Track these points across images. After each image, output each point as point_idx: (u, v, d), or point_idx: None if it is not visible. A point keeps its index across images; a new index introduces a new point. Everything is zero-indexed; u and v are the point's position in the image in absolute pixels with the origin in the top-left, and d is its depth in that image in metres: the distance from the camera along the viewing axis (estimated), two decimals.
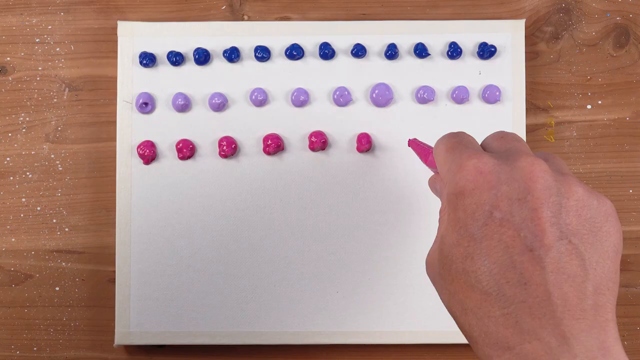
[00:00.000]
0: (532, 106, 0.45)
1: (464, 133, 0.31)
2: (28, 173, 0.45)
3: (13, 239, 0.45)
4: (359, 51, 0.43)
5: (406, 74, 0.43)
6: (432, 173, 0.36)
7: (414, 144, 0.39)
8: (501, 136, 0.31)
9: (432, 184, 0.35)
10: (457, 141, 0.30)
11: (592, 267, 0.26)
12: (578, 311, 0.25)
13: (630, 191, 0.45)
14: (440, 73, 0.44)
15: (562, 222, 0.26)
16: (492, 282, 0.26)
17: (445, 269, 0.28)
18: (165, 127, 0.43)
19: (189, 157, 0.43)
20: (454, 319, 0.28)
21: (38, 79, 0.45)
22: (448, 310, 0.29)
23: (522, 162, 0.27)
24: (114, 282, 0.43)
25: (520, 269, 0.25)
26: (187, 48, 0.43)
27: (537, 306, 0.25)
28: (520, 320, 0.25)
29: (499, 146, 0.30)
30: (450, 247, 0.27)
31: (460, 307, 0.27)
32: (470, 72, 0.44)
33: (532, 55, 0.45)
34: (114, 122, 0.44)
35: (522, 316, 0.25)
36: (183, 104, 0.43)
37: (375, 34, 0.44)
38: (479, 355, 0.27)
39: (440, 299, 0.29)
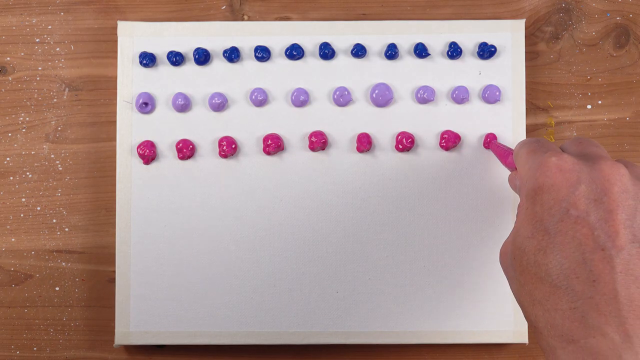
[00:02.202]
0: (532, 106, 0.45)
1: (544, 139, 0.33)
2: (28, 173, 0.45)
3: (13, 239, 0.45)
4: (359, 51, 0.43)
5: (406, 74, 0.43)
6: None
7: (495, 146, 0.41)
8: (580, 141, 0.32)
9: (512, 180, 0.37)
10: (539, 145, 0.32)
11: None
12: None
13: None
14: (440, 73, 0.43)
15: (636, 226, 0.27)
16: (562, 276, 0.27)
17: (516, 260, 0.29)
18: (165, 127, 0.43)
19: (189, 157, 0.43)
20: (522, 309, 0.29)
21: (38, 79, 0.45)
22: (517, 300, 0.30)
23: (602, 165, 0.28)
24: (114, 282, 0.43)
25: (591, 267, 0.26)
26: (187, 48, 0.43)
27: (604, 303, 0.26)
28: (587, 315, 0.26)
29: (577, 150, 0.32)
30: (523, 239, 0.29)
31: (529, 298, 0.28)
32: (470, 72, 0.44)
33: (532, 55, 0.45)
34: (114, 122, 0.44)
35: (588, 311, 0.26)
36: (183, 104, 0.43)
37: (375, 34, 0.44)
38: (542, 345, 0.28)
39: (510, 289, 0.30)
